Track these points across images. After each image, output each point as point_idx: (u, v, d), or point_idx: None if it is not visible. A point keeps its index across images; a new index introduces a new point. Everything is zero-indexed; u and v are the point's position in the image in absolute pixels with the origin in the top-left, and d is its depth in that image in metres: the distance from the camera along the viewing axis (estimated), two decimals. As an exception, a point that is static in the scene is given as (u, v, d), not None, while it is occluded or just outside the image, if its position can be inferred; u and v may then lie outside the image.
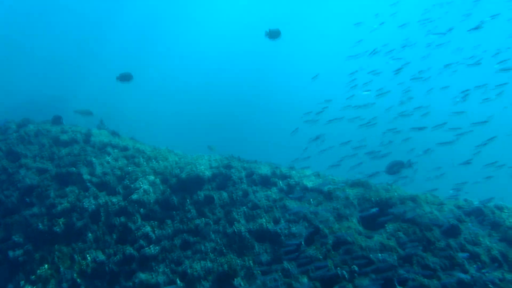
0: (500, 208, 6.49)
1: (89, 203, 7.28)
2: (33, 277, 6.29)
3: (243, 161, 8.57)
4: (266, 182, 7.73)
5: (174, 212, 7.15)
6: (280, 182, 7.64)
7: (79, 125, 9.99)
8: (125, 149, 8.97)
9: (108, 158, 8.47)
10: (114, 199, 7.36)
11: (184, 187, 7.61)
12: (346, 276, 5.61)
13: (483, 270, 5.41)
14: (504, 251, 5.59)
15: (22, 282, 6.24)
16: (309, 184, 7.47)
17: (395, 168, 7.49)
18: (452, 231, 6.06)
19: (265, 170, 7.96)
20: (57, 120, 9.70)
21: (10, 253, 6.48)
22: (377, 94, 9.46)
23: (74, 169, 7.94)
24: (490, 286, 5.11)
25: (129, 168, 8.13)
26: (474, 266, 5.46)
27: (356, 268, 5.64)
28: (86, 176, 7.86)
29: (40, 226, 6.82)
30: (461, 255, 5.40)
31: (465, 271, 5.40)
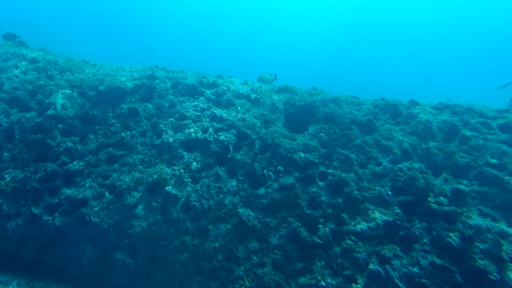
0: (413, 105, 6.95)
1: (0, 121, 6.71)
2: None
3: (168, 71, 8.18)
4: (193, 92, 7.52)
5: (96, 127, 6.83)
6: (208, 92, 7.49)
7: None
8: (34, 61, 8.11)
9: (16, 72, 7.65)
10: (28, 115, 6.82)
11: (104, 100, 7.19)
12: (272, 176, 5.90)
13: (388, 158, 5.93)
14: (414, 143, 6.13)
15: None
16: (237, 92, 7.41)
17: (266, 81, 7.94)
18: (368, 128, 6.47)
19: (192, 79, 7.70)
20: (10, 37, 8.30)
21: None
22: None
23: (-23, 85, 7.13)
24: (400, 174, 5.65)
25: (41, 82, 7.43)
26: (387, 159, 5.96)
27: (281, 169, 5.93)
28: (-7, 93, 7.12)
29: None
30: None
31: (379, 164, 5.89)
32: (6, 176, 6.18)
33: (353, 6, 58.21)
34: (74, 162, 6.28)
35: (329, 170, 5.85)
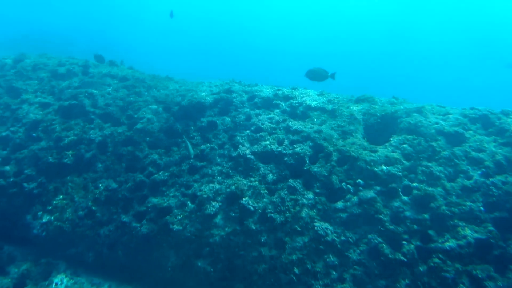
0: (507, 114, 6.37)
1: (95, 135, 7.36)
2: (50, 207, 6.57)
3: (244, 85, 8.42)
4: (268, 104, 7.65)
5: (179, 139, 7.22)
6: (283, 104, 7.56)
7: (75, 57, 9.77)
8: (124, 79, 8.84)
9: (109, 89, 8.39)
10: (120, 129, 7.42)
11: (186, 114, 7.60)
12: (351, 189, 5.75)
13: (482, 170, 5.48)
14: (509, 155, 5.61)
15: (40, 213, 6.54)
16: (313, 103, 7.38)
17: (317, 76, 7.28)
18: (457, 139, 6.05)
19: (267, 92, 7.84)
20: (100, 59, 9.27)
21: (25, 186, 6.70)
22: None
23: (76, 102, 7.91)
24: (493, 188, 5.20)
25: (131, 98, 8.07)
26: (479, 172, 5.52)
27: (361, 182, 5.76)
28: (89, 108, 7.85)
29: (50, 159, 6.97)
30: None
31: (469, 178, 5.48)
32: (100, 185, 6.74)
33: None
34: (160, 173, 6.68)
35: (414, 184, 5.55)
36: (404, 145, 6.09)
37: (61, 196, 6.67)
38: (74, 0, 55.73)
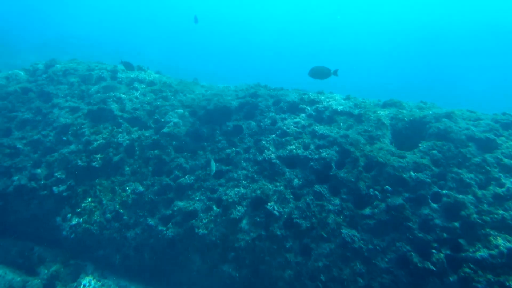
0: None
1: (123, 138, 7.47)
2: (79, 209, 6.70)
3: (270, 89, 8.41)
4: (294, 108, 7.61)
5: (205, 143, 7.27)
6: (309, 108, 7.51)
7: (104, 62, 9.98)
8: (152, 83, 8.97)
9: (136, 94, 8.52)
10: (147, 133, 7.53)
11: (212, 119, 7.65)
12: (379, 196, 5.64)
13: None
14: (544, 163, 5.41)
15: (69, 215, 6.68)
16: (339, 107, 7.30)
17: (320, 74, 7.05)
18: (488, 145, 5.87)
19: (292, 96, 7.80)
20: (129, 66, 9.35)
21: (55, 189, 6.86)
22: None
23: (105, 106, 8.06)
24: None
25: (158, 102, 8.18)
26: (511, 179, 5.34)
27: (389, 188, 5.64)
28: (117, 113, 7.98)
29: (79, 162, 7.12)
30: None
31: (501, 185, 5.29)
32: (127, 188, 6.84)
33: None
34: (186, 176, 6.74)
35: (444, 191, 5.40)
36: (433, 151, 5.94)
37: (89, 199, 6.80)
38: (100, 5, 57.30)
